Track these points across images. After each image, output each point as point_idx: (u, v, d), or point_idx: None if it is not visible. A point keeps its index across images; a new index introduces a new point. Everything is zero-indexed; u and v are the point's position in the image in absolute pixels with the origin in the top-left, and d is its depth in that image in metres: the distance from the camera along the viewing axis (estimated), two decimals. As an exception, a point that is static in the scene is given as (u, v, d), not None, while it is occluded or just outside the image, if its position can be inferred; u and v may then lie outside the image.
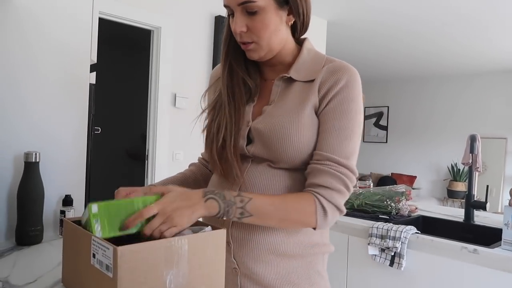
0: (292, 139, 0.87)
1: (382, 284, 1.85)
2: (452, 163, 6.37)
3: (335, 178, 0.86)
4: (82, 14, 1.49)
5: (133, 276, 0.69)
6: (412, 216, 2.17)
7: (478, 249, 1.58)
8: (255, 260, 0.92)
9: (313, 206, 0.85)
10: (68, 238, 0.87)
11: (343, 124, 0.88)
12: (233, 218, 0.82)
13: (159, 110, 3.09)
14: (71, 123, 1.48)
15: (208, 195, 0.80)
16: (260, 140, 0.91)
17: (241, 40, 0.91)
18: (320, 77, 0.91)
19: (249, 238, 0.91)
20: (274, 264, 0.92)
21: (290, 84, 0.95)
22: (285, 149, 0.88)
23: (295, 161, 0.90)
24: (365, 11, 3.89)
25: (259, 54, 0.92)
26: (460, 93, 6.57)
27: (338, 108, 0.89)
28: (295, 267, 0.93)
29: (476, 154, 2.06)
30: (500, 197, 5.94)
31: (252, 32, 0.89)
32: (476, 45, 4.88)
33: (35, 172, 1.30)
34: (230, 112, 0.93)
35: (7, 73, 1.33)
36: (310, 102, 0.90)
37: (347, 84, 0.89)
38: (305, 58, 0.96)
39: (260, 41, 0.90)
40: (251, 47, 0.91)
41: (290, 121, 0.89)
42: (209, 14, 3.33)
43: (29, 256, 1.18)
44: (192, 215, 0.77)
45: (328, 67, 0.92)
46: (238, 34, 0.90)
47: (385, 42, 4.92)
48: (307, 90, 0.91)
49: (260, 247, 0.91)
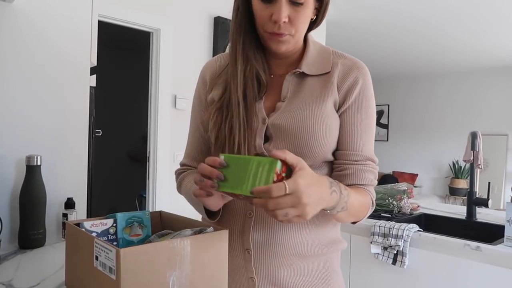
0: (317, 132, 0.85)
1: (385, 282, 1.85)
2: (453, 161, 6.37)
3: (374, 175, 0.92)
4: (81, 17, 1.49)
5: (136, 278, 0.69)
6: (414, 214, 2.16)
7: (481, 246, 1.58)
8: (279, 264, 0.88)
9: (369, 203, 0.90)
10: (70, 241, 0.87)
11: (368, 123, 0.91)
12: (331, 212, 0.77)
13: (159, 112, 3.09)
14: (72, 126, 1.48)
15: (332, 187, 0.74)
16: (280, 137, 0.86)
17: (278, 31, 0.83)
18: (336, 72, 0.90)
19: (271, 242, 0.88)
20: (296, 266, 0.90)
21: (303, 79, 0.91)
22: (309, 143, 0.85)
23: (317, 157, 0.87)
24: (363, 10, 3.89)
25: (287, 47, 0.87)
26: (460, 90, 6.56)
27: (362, 107, 0.90)
28: (315, 267, 0.92)
29: (477, 151, 2.06)
30: (502, 193, 5.93)
31: (292, 24, 0.83)
32: (476, 42, 4.87)
33: (37, 176, 1.31)
34: (243, 111, 0.87)
35: (7, 77, 1.33)
36: (330, 97, 0.88)
37: (365, 83, 0.90)
38: (312, 52, 0.93)
39: (296, 33, 0.85)
40: (285, 39, 0.85)
41: (313, 114, 0.86)
42: (208, 15, 3.34)
43: (32, 260, 1.18)
44: (318, 210, 0.70)
45: (344, 63, 0.91)
46: (278, 24, 0.82)
47: (385, 40, 4.92)
48: (324, 84, 0.89)
49: (283, 250, 0.88)
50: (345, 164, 0.90)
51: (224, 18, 3.34)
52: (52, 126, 1.43)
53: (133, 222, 0.93)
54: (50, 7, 1.41)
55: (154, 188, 3.10)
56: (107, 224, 0.90)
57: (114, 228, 0.91)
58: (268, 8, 0.83)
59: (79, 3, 1.49)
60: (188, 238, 0.76)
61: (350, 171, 0.89)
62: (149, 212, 0.97)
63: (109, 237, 0.90)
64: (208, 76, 0.99)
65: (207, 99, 0.96)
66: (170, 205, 3.01)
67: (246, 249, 0.88)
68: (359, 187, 0.89)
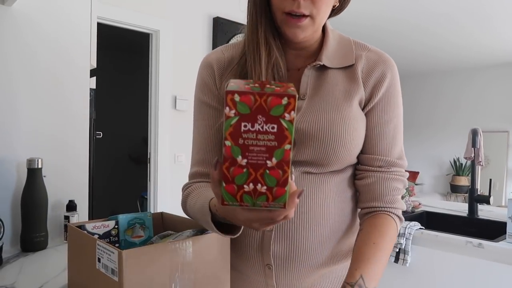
0: (345, 137, 0.77)
1: (388, 280, 1.84)
2: (454, 158, 6.36)
3: (401, 183, 0.83)
4: (81, 19, 1.49)
5: (138, 279, 0.69)
6: (416, 212, 2.16)
7: (483, 243, 1.58)
8: (302, 277, 0.83)
9: (395, 227, 0.81)
10: (73, 243, 0.87)
11: (396, 123, 0.83)
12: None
13: (160, 113, 3.09)
14: (72, 128, 1.48)
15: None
16: (305, 142, 0.77)
17: (297, 10, 0.72)
18: (360, 66, 0.81)
19: (293, 255, 0.81)
20: (320, 274, 0.84)
21: (323, 73, 0.82)
22: (337, 150, 0.77)
23: (343, 163, 0.80)
24: (366, 6, 3.88)
25: (306, 33, 0.76)
26: (461, 87, 6.56)
27: (390, 106, 0.82)
28: (340, 271, 0.88)
29: (478, 148, 2.06)
30: (503, 190, 5.93)
31: (314, 3, 0.73)
32: (479, 38, 4.86)
33: (38, 178, 1.31)
34: None
35: (7, 80, 1.33)
36: (357, 95, 0.80)
37: (392, 79, 0.82)
38: (332, 42, 0.83)
39: (317, 15, 0.74)
40: (305, 23, 0.74)
41: (340, 116, 0.77)
42: (207, 15, 3.34)
43: (35, 262, 1.19)
44: None
45: (368, 56, 0.82)
46: (298, 1, 0.71)
47: (386, 37, 4.91)
48: (348, 79, 0.81)
49: (306, 262, 0.82)
50: (367, 171, 0.82)
51: (223, 19, 3.34)
52: (52, 129, 1.43)
53: (134, 223, 0.93)
54: (50, 10, 1.41)
55: (155, 189, 3.10)
56: (109, 226, 0.90)
57: (116, 230, 0.91)
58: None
59: (78, 5, 1.49)
60: (190, 239, 0.76)
61: (372, 179, 0.81)
62: (151, 213, 0.97)
63: (111, 239, 0.90)
64: (216, 67, 0.85)
65: (220, 92, 0.84)
66: (172, 206, 3.01)
67: (267, 264, 0.82)
68: (380, 211, 0.81)
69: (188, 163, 0.97)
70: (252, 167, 0.50)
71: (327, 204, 0.81)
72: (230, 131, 0.49)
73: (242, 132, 0.49)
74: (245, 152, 0.50)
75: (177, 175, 3.11)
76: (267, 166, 0.50)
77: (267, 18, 0.78)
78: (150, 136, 3.14)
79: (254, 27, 0.78)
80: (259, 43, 0.77)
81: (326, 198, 0.81)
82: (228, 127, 0.48)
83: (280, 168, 0.50)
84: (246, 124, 0.49)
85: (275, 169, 0.50)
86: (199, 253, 0.77)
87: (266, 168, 0.50)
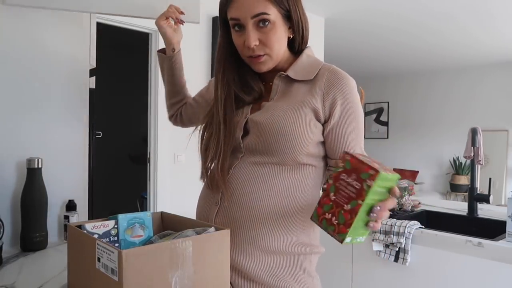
0: (286, 130, 0.91)
1: (388, 280, 1.85)
2: (454, 157, 6.37)
3: None
4: (80, 19, 1.49)
5: (138, 279, 0.69)
6: (416, 211, 2.16)
7: (483, 242, 1.58)
8: (241, 253, 0.95)
9: None
10: (72, 243, 0.87)
11: (356, 132, 0.97)
12: None
13: (159, 113, 3.09)
14: (72, 128, 1.48)
15: None
16: (255, 131, 0.96)
17: (253, 54, 0.94)
18: (321, 82, 0.95)
19: (235, 232, 0.94)
20: (259, 258, 0.95)
21: (290, 84, 0.99)
22: (277, 138, 0.92)
23: (287, 152, 0.93)
24: (363, 4, 3.89)
25: (268, 66, 0.97)
26: (460, 86, 6.56)
27: (347, 119, 0.95)
28: (280, 263, 0.96)
29: (477, 147, 2.06)
30: (503, 189, 5.94)
31: (265, 45, 0.93)
32: (480, 36, 4.86)
33: (38, 178, 1.31)
34: (223, 129, 0.98)
35: (6, 80, 1.33)
36: (310, 105, 0.94)
37: (345, 96, 0.95)
38: (303, 61, 1.01)
39: (271, 53, 0.94)
40: (263, 60, 0.95)
41: (286, 114, 0.93)
42: (206, 15, 3.33)
43: (35, 262, 1.19)
44: None
45: (328, 77, 0.96)
46: (251, 48, 0.92)
47: (383, 37, 4.92)
48: (307, 92, 0.96)
49: (245, 241, 0.95)
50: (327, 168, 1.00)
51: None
52: (52, 129, 1.43)
53: (134, 223, 0.93)
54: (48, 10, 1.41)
55: (155, 189, 3.10)
56: (109, 226, 0.90)
57: (116, 230, 0.91)
58: (241, 36, 0.93)
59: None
60: (190, 239, 0.76)
61: None
62: (151, 213, 0.97)
63: (110, 238, 0.90)
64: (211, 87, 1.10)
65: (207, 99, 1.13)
66: (171, 205, 3.01)
67: None
68: None
69: (188, 163, 1.09)
70: (335, 204, 0.73)
71: (266, 193, 0.94)
72: (334, 175, 0.75)
73: (340, 179, 0.73)
74: (336, 192, 0.73)
75: (177, 175, 3.10)
76: (343, 207, 0.71)
77: (227, 61, 1.01)
78: (150, 136, 3.14)
79: (215, 73, 1.02)
80: (218, 88, 1.01)
81: (266, 188, 0.94)
82: (335, 171, 0.75)
83: (350, 213, 0.70)
84: (344, 175, 0.73)
85: (347, 212, 0.70)
86: (199, 252, 0.77)
87: (342, 209, 0.71)
